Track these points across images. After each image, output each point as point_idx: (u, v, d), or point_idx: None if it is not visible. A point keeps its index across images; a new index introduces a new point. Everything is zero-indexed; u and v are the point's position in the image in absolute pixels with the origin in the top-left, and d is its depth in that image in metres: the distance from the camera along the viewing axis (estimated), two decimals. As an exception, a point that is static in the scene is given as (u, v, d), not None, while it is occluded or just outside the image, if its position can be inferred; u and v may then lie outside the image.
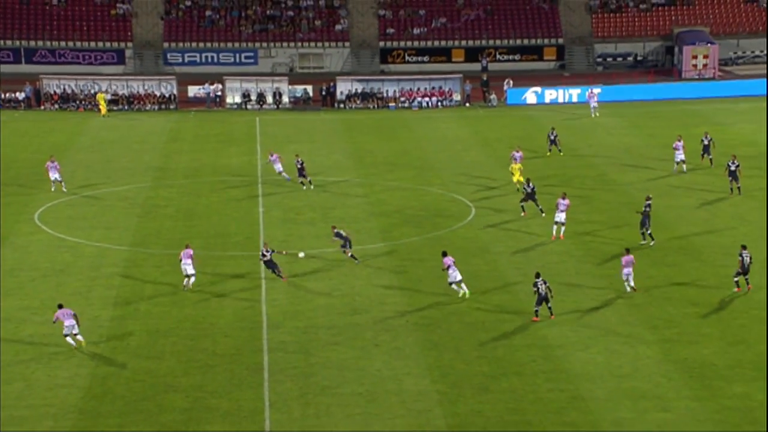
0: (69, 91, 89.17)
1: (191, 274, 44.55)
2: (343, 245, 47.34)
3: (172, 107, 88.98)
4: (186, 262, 44.49)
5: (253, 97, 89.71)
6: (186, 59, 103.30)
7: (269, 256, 44.81)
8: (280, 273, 45.04)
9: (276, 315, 41.61)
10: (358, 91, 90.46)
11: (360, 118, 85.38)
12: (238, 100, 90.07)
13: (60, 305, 39.02)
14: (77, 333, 38.34)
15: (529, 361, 37.20)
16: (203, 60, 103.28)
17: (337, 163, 68.36)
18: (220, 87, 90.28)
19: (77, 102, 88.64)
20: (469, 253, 49.03)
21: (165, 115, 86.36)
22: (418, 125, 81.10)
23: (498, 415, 33.29)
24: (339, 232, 47.45)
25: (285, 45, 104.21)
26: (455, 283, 43.16)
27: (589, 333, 39.62)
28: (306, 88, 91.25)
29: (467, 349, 38.20)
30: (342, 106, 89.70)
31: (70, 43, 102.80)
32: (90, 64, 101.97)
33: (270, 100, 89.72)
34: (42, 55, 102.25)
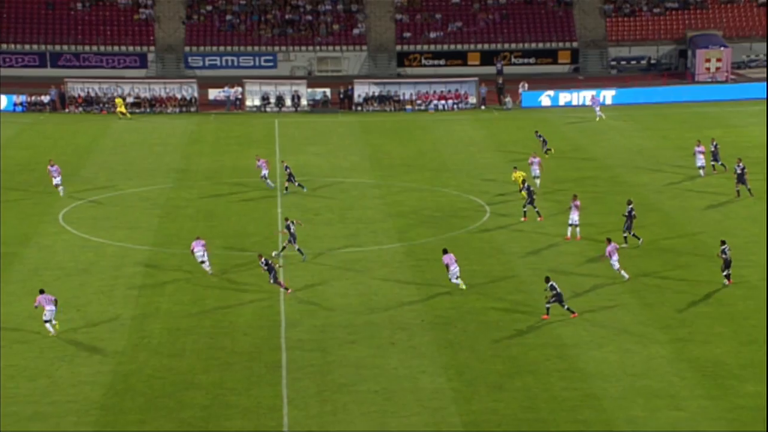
0: (93, 94, 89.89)
1: (204, 261, 45.88)
2: (290, 240, 48.09)
3: (192, 110, 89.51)
4: (198, 251, 46.02)
5: (273, 99, 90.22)
6: (207, 63, 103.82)
7: (272, 266, 44.13)
8: (281, 282, 44.20)
9: (294, 314, 42.03)
10: (376, 94, 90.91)
11: (377, 120, 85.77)
12: (257, 102, 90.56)
13: (42, 290, 39.99)
14: (52, 318, 39.47)
15: (543, 359, 37.47)
16: (223, 63, 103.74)
17: (355, 165, 68.78)
18: (240, 90, 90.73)
19: (101, 105, 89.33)
20: (483, 253, 49.53)
21: (186, 118, 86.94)
22: (434, 127, 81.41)
23: (512, 413, 33.55)
24: (289, 225, 48.33)
25: (304, 49, 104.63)
26: (455, 278, 44.03)
27: (603, 332, 39.87)
28: (324, 90, 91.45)
29: (482, 348, 38.50)
30: (359, 108, 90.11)
31: (94, 48, 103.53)
32: (113, 67, 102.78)
33: (289, 102, 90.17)
34: (67, 59, 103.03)
